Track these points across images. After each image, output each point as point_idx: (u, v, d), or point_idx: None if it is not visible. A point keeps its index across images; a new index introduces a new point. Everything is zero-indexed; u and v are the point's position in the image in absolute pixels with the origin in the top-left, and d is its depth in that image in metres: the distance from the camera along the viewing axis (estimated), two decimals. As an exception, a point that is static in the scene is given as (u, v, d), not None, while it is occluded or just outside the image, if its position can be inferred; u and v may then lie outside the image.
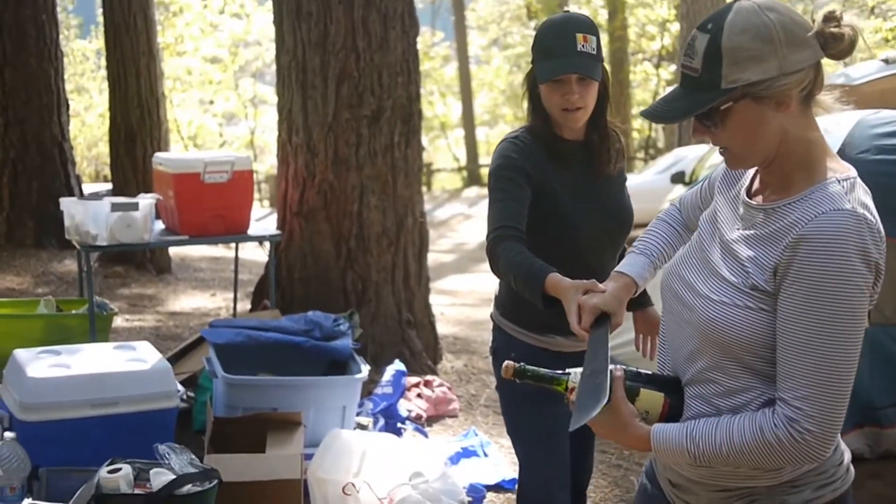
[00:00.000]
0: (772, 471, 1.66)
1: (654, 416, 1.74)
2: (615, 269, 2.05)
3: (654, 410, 1.74)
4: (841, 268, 1.53)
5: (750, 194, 1.76)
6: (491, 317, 2.94)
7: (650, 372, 1.82)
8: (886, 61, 7.15)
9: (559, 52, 2.55)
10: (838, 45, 1.60)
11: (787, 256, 1.58)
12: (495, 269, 2.53)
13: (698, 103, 1.63)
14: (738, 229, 1.73)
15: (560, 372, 1.81)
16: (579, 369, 1.78)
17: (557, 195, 2.61)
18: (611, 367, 1.75)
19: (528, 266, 2.35)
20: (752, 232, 1.68)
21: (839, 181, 1.62)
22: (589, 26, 2.58)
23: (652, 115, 1.74)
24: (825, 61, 1.65)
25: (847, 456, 1.75)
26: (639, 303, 2.72)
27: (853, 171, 1.67)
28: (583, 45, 2.53)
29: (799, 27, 1.60)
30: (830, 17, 1.61)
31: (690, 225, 2.12)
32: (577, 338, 2.13)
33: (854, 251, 1.53)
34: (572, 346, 2.66)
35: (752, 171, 1.80)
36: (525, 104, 2.73)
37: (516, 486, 3.02)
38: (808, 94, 1.64)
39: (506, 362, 1.82)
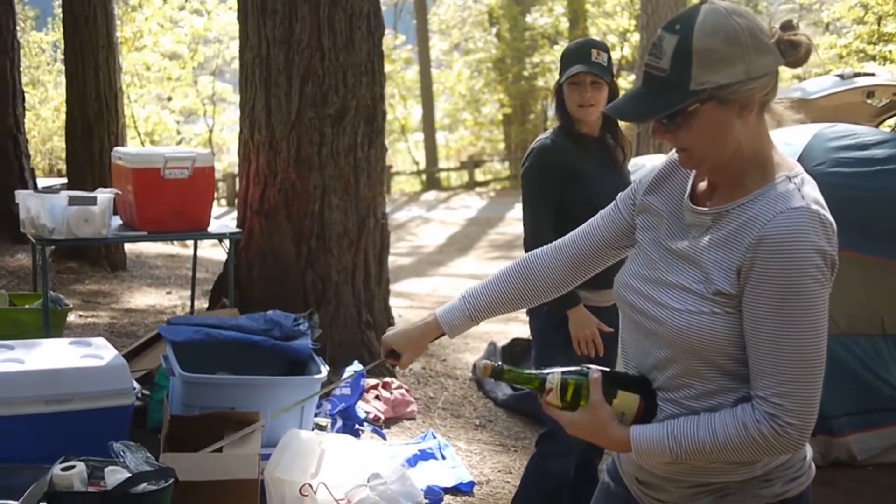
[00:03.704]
0: (745, 465, 1.69)
1: (629, 417, 1.76)
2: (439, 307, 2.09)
3: (629, 411, 1.76)
4: (803, 264, 1.57)
5: (694, 200, 1.78)
6: None
7: (624, 373, 1.85)
8: (842, 76, 7.31)
9: (577, 60, 3.38)
10: (796, 52, 1.65)
11: (749, 258, 1.61)
12: None
13: (667, 103, 1.63)
14: (690, 237, 1.74)
15: (536, 372, 1.83)
16: (557, 370, 1.80)
17: (576, 177, 3.38)
18: (588, 368, 1.78)
19: None
20: (706, 238, 1.70)
21: (790, 179, 1.66)
22: (602, 45, 3.46)
23: (620, 111, 1.74)
24: (781, 77, 1.69)
25: (810, 452, 1.80)
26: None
27: (799, 167, 1.71)
28: (596, 58, 3.38)
29: (763, 33, 1.64)
30: (788, 26, 1.66)
31: (581, 265, 2.02)
32: (600, 292, 3.23)
33: (812, 247, 1.57)
34: (595, 299, 3.34)
35: (690, 178, 1.82)
36: (552, 108, 3.66)
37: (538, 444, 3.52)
38: (766, 100, 1.67)
39: (483, 362, 1.87)
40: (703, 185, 1.79)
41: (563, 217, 3.30)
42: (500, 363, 1.86)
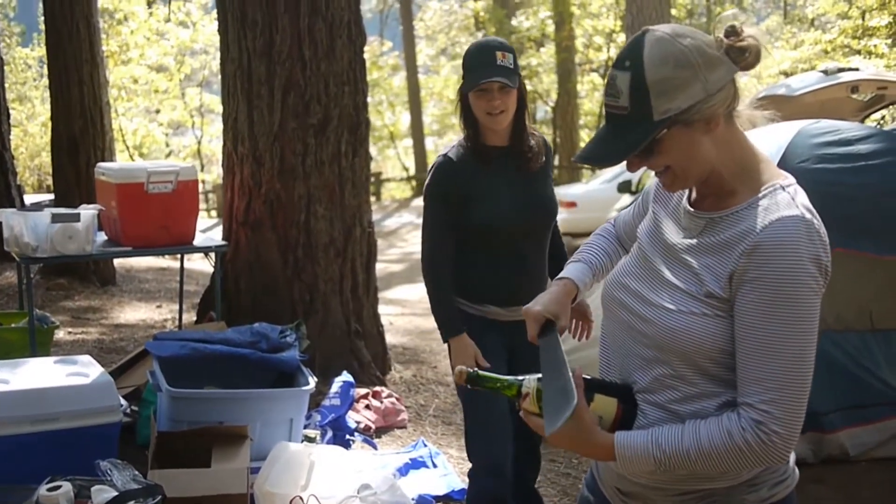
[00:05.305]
0: (732, 471, 1.68)
1: (607, 421, 1.72)
2: (557, 276, 2.08)
3: (607, 415, 1.72)
4: (797, 272, 1.56)
5: (691, 203, 1.78)
6: None
7: (601, 378, 1.82)
8: (826, 72, 7.31)
9: (482, 66, 3.09)
10: (745, 57, 1.64)
11: (742, 263, 1.60)
12: (426, 282, 3.28)
13: (636, 140, 1.63)
14: (683, 238, 1.74)
15: (513, 378, 1.79)
16: (533, 376, 1.76)
17: (479, 196, 3.14)
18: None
19: (444, 312, 3.21)
20: (700, 240, 1.70)
21: (783, 188, 1.66)
22: (505, 46, 3.15)
23: (590, 158, 1.71)
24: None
25: (793, 456, 1.79)
26: None
27: (791, 178, 1.71)
28: (501, 60, 3.08)
29: (710, 47, 1.63)
30: (732, 32, 1.65)
31: (623, 242, 2.17)
32: (512, 308, 3.14)
33: (807, 256, 1.57)
34: (507, 315, 3.20)
35: None
36: (459, 116, 3.25)
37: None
38: (729, 111, 1.67)
39: (458, 367, 1.82)
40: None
41: (466, 239, 3.19)
42: (474, 369, 1.80)
